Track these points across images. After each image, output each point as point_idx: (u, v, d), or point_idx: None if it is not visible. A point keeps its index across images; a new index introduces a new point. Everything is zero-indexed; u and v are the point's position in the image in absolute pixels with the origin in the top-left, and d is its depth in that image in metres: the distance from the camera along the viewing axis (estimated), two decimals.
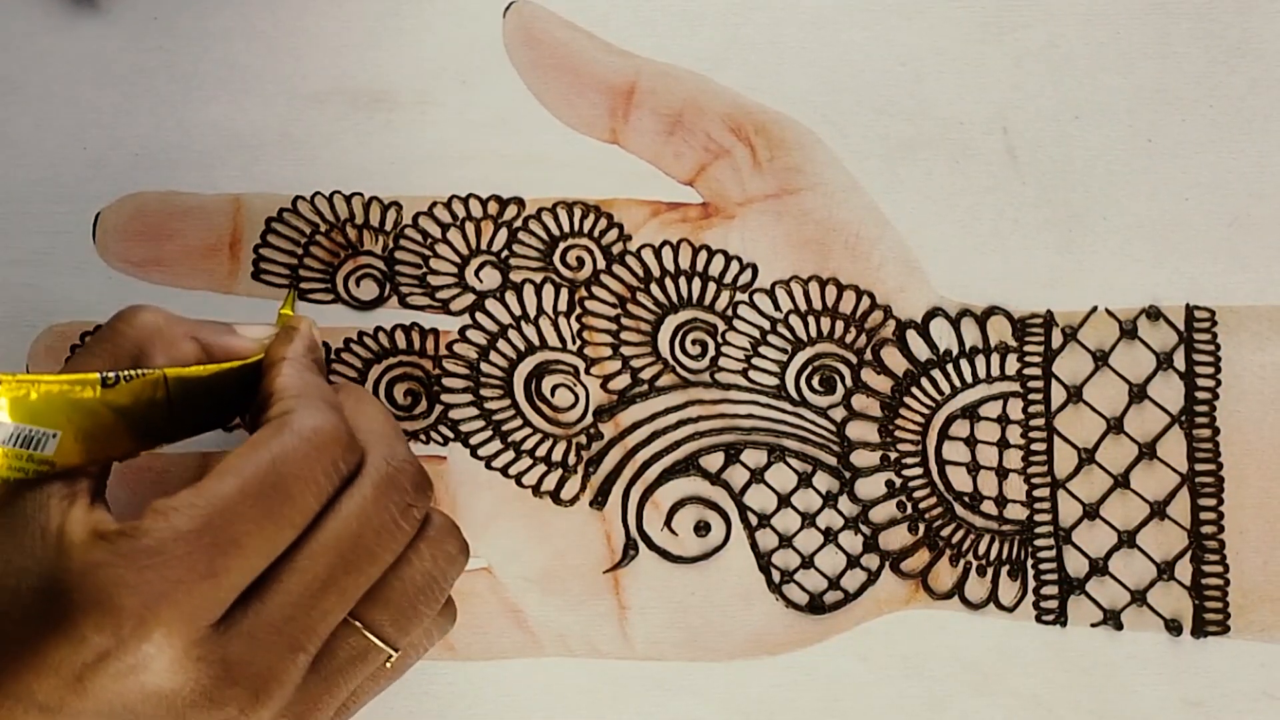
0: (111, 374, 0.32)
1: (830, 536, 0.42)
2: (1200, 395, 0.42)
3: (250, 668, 0.30)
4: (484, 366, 0.42)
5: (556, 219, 0.43)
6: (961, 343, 0.42)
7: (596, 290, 0.42)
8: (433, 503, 0.41)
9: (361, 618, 0.33)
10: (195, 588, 0.30)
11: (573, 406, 0.42)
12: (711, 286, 0.42)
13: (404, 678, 0.42)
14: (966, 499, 0.42)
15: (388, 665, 0.34)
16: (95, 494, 0.32)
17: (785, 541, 0.42)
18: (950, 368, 0.42)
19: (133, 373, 0.33)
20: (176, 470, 0.41)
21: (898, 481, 0.42)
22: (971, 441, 0.42)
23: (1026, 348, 0.42)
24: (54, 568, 0.30)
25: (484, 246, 0.43)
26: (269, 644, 0.31)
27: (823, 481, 0.42)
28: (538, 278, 0.43)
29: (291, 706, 0.32)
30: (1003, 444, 0.42)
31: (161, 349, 0.34)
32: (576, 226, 0.43)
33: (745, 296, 0.42)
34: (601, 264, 0.43)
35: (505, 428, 0.42)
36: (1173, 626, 0.42)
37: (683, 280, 0.42)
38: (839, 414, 0.42)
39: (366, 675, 0.34)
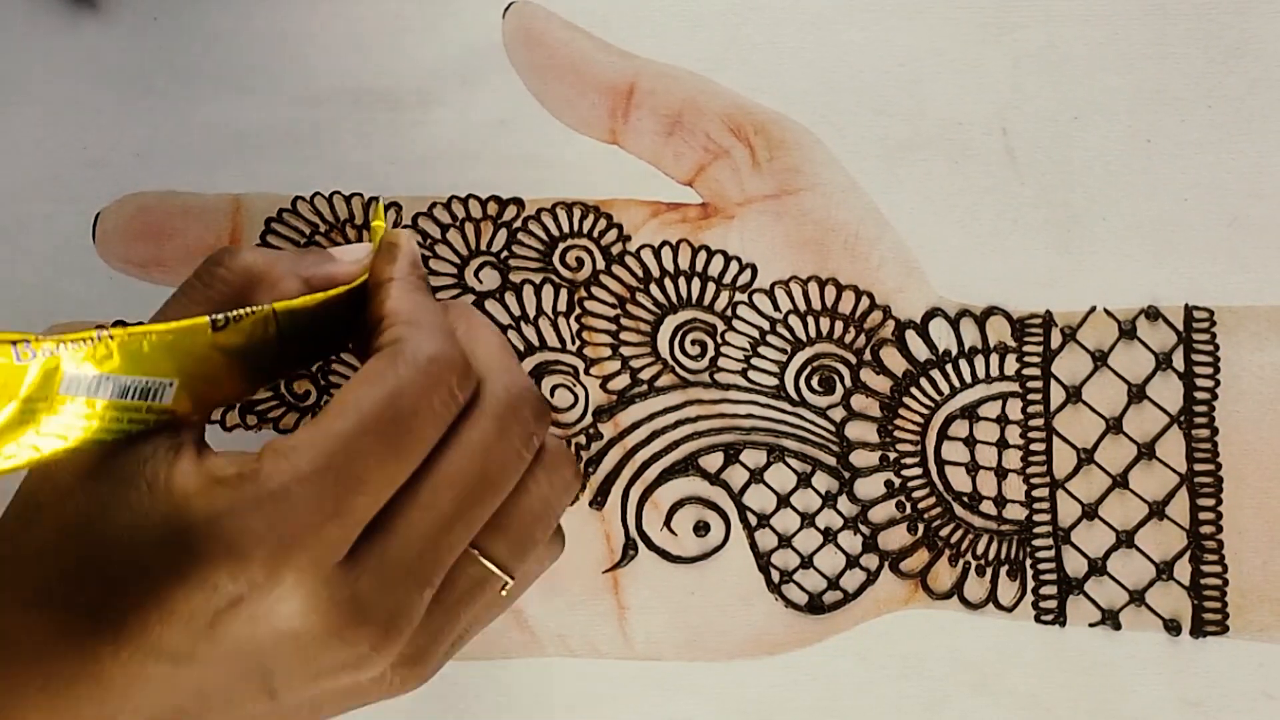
0: (220, 316, 0.31)
1: (829, 536, 0.42)
2: (1199, 395, 0.42)
3: (381, 606, 0.30)
4: None
5: (556, 219, 0.43)
6: (960, 343, 0.42)
7: (596, 291, 0.43)
8: None
9: (479, 546, 0.32)
10: (322, 529, 0.29)
11: (572, 407, 0.42)
12: (711, 287, 0.42)
13: None
14: (965, 499, 0.42)
15: (503, 593, 0.34)
16: (199, 442, 0.31)
17: (784, 541, 0.42)
18: (949, 368, 0.42)
19: (242, 312, 0.32)
20: None
21: (897, 481, 0.42)
22: (970, 442, 0.42)
23: (1025, 348, 0.42)
24: (173, 519, 0.29)
25: (483, 247, 0.43)
26: (398, 581, 0.30)
27: (822, 481, 0.42)
28: (537, 278, 0.43)
29: (415, 639, 0.32)
30: (1002, 444, 0.42)
31: (265, 292, 0.33)
32: (576, 227, 0.43)
33: (744, 297, 0.42)
34: (601, 264, 0.43)
35: None
36: (1171, 626, 0.42)
37: (682, 280, 0.43)
38: (838, 414, 0.42)
39: (484, 604, 0.33)
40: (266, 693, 0.30)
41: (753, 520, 0.42)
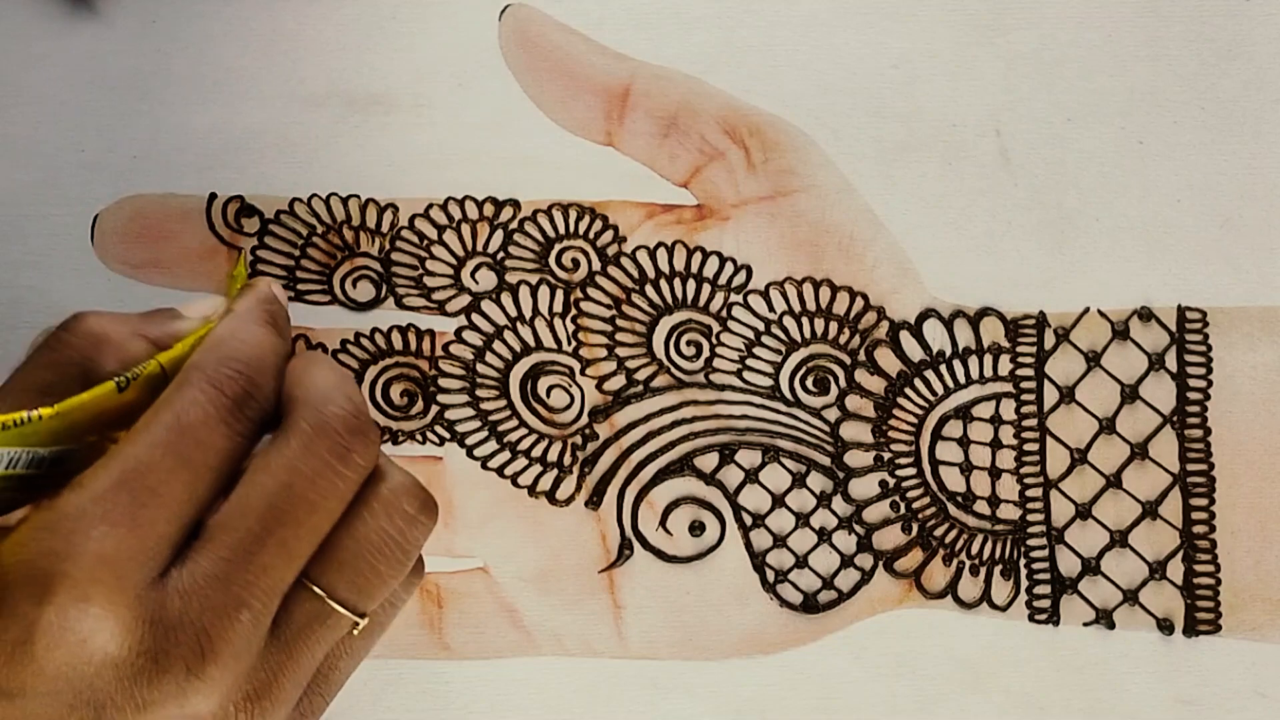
0: (123, 378, 0.32)
1: (824, 536, 0.42)
2: (1192, 396, 0.42)
3: (192, 626, 0.30)
4: (480, 367, 0.43)
5: (552, 221, 0.43)
6: (954, 343, 0.43)
7: (592, 292, 0.43)
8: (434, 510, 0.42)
9: (316, 580, 0.32)
10: (122, 542, 0.29)
11: (568, 407, 0.43)
12: (706, 288, 0.43)
13: (400, 675, 0.42)
14: (960, 499, 0.42)
15: (355, 633, 0.33)
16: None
17: (779, 541, 0.42)
18: (943, 368, 0.42)
19: (138, 370, 0.33)
20: None
21: (891, 482, 0.42)
22: (964, 442, 0.42)
23: (1019, 348, 0.42)
24: None
25: (480, 248, 0.43)
26: (208, 599, 0.30)
27: (817, 482, 0.42)
28: (533, 279, 0.43)
29: (254, 674, 0.31)
30: (995, 444, 0.42)
31: (110, 355, 0.34)
32: (572, 228, 0.43)
33: (739, 298, 0.43)
34: (597, 265, 0.43)
35: (501, 428, 0.42)
36: (1165, 626, 0.42)
37: (677, 282, 0.43)
38: (833, 414, 0.42)
39: (332, 642, 0.33)
40: None
41: (748, 520, 0.42)
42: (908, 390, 0.42)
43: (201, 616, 0.30)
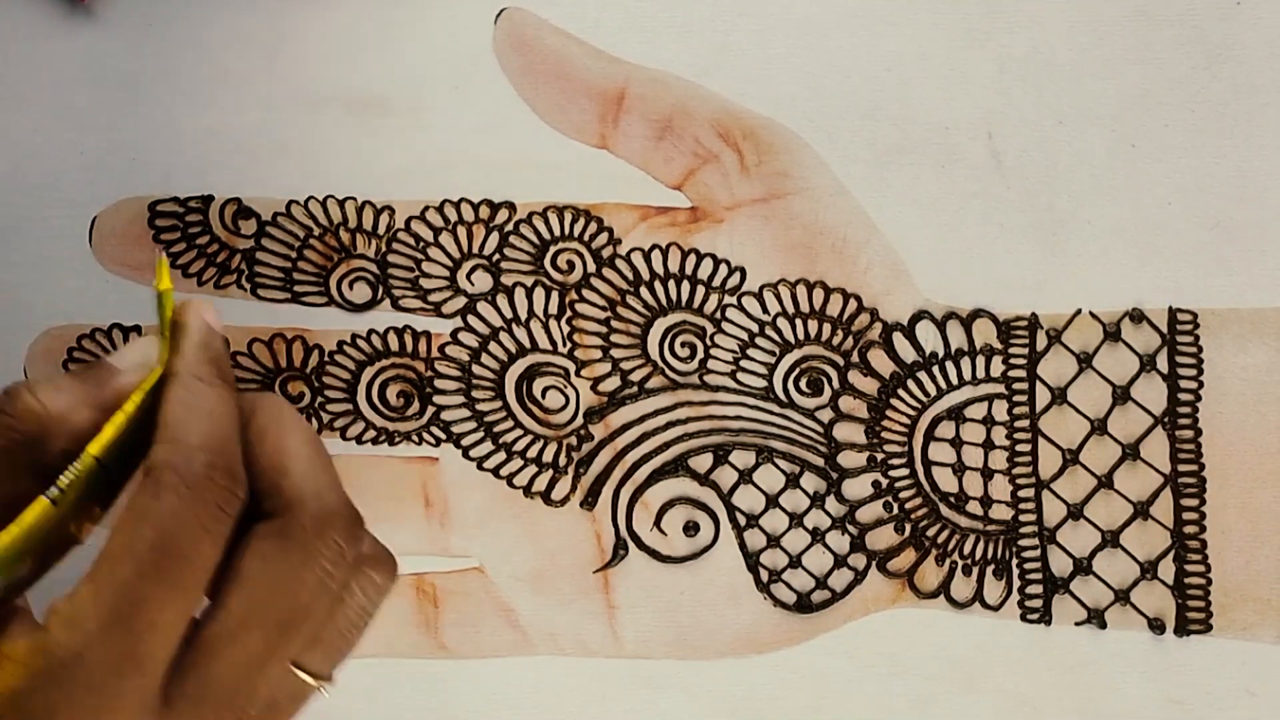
0: (54, 490, 0.31)
1: (818, 536, 0.42)
2: (1183, 396, 0.42)
3: None
4: (475, 369, 0.43)
5: (547, 223, 0.43)
6: (947, 345, 0.43)
7: (587, 293, 0.43)
8: (425, 506, 0.42)
9: (297, 661, 0.32)
10: (124, 685, 0.29)
11: (563, 408, 0.43)
12: (700, 290, 0.43)
13: (396, 675, 0.42)
14: (952, 499, 0.42)
15: (323, 693, 0.33)
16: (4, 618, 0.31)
17: (773, 541, 0.42)
18: (936, 370, 0.43)
19: (69, 476, 0.31)
20: None
21: (884, 482, 0.42)
22: (957, 443, 0.43)
23: (1011, 350, 0.43)
24: None
25: (475, 250, 0.43)
26: (215, 712, 0.30)
27: (810, 482, 0.43)
28: (528, 281, 0.43)
29: None
30: (988, 445, 0.42)
31: (57, 431, 0.32)
32: (567, 230, 0.43)
33: (733, 299, 0.43)
34: (591, 267, 0.43)
35: (497, 429, 0.43)
36: (1156, 625, 0.42)
37: (672, 283, 0.43)
38: (826, 415, 0.43)
39: (303, 705, 0.32)
40: None
41: (742, 520, 0.42)
42: (901, 391, 0.43)
43: None
